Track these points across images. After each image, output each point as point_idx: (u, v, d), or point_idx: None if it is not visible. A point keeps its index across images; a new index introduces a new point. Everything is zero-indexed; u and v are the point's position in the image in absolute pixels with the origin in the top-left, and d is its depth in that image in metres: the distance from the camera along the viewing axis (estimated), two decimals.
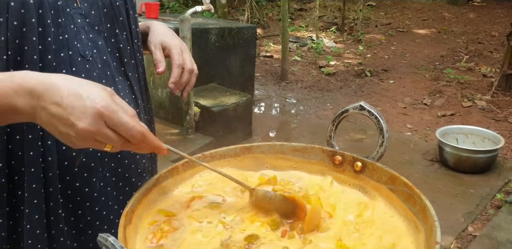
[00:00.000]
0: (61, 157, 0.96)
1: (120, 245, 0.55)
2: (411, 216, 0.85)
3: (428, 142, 4.21)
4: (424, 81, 5.68)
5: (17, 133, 0.92)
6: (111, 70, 1.03)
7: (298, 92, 5.46)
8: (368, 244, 0.81)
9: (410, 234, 0.83)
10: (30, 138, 0.92)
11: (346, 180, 0.97)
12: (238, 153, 1.00)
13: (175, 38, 1.18)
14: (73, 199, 1.00)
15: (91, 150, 0.99)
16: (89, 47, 0.98)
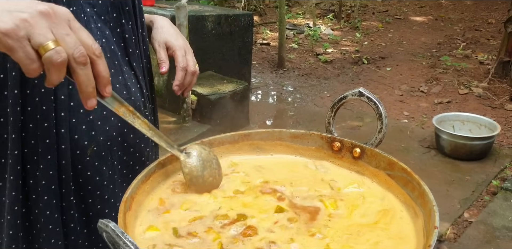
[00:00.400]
0: (74, 145, 0.97)
1: (120, 230, 0.55)
2: (409, 201, 0.85)
3: (425, 129, 4.22)
4: (421, 69, 5.68)
5: (31, 121, 0.93)
6: (118, 60, 1.03)
7: (295, 80, 5.44)
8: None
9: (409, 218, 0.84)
10: (45, 126, 0.93)
11: (345, 166, 0.98)
12: (237, 140, 1.00)
13: (179, 38, 1.18)
14: (84, 187, 1.02)
15: (101, 138, 1.00)
16: (98, 37, 0.98)
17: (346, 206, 0.87)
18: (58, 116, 0.93)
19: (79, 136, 0.97)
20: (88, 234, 1.07)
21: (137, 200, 0.82)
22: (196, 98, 3.82)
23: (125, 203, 0.76)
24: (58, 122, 0.93)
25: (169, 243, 0.75)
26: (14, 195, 0.96)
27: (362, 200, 0.89)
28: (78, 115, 0.96)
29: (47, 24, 0.66)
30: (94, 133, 0.99)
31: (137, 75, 1.10)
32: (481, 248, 2.74)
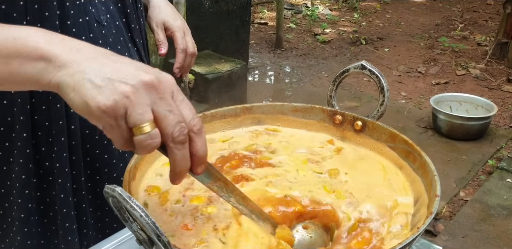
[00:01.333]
0: (83, 125, 0.96)
1: (127, 195, 0.56)
2: (410, 172, 0.86)
3: (422, 109, 4.24)
4: (419, 50, 5.66)
5: (43, 103, 0.91)
6: (124, 35, 1.02)
7: (293, 60, 5.42)
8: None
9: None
10: (58, 107, 0.91)
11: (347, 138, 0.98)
12: (239, 113, 1.00)
13: (177, 18, 1.16)
14: (93, 165, 1.02)
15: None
16: (103, 12, 0.95)
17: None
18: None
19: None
20: (101, 217, 1.07)
21: (141, 170, 0.83)
22: (193, 77, 3.81)
23: (129, 173, 0.77)
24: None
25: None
26: (25, 178, 0.94)
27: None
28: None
29: (149, 101, 0.58)
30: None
31: (140, 52, 1.09)
32: (476, 225, 2.78)
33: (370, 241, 0.72)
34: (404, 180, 0.86)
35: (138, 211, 0.55)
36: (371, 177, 0.87)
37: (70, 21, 0.88)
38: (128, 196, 0.56)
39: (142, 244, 0.65)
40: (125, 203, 0.56)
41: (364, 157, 0.93)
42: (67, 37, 0.62)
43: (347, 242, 0.73)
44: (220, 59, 4.06)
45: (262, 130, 1.01)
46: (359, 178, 0.87)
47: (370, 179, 0.86)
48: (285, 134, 1.00)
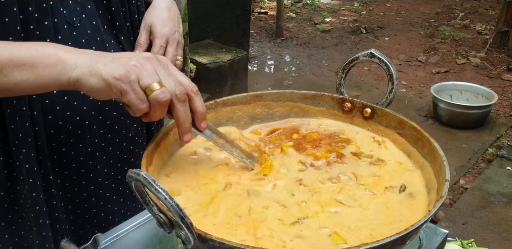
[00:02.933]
0: (48, 125, 0.97)
1: (152, 178, 0.58)
2: (419, 158, 0.88)
3: (423, 98, 4.25)
4: (419, 39, 5.66)
5: (8, 106, 0.91)
6: (101, 35, 0.99)
7: (293, 49, 5.42)
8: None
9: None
10: (23, 110, 0.92)
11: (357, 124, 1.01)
12: (249, 100, 1.02)
13: (168, 24, 1.08)
14: (60, 162, 1.03)
15: (78, 118, 1.00)
16: (77, 13, 0.94)
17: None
18: (31, 99, 0.92)
19: (53, 116, 0.97)
20: (73, 210, 1.09)
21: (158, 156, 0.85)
22: (195, 67, 3.81)
23: (146, 158, 0.79)
24: (31, 105, 0.92)
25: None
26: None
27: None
28: (52, 96, 0.95)
29: (153, 67, 0.74)
30: (70, 113, 0.98)
31: (125, 50, 1.06)
32: (476, 212, 2.81)
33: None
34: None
35: (162, 194, 0.57)
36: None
37: (33, 25, 0.87)
38: (152, 180, 0.58)
39: (163, 226, 0.67)
40: (150, 186, 0.58)
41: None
42: (75, 48, 0.80)
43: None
44: (221, 49, 4.06)
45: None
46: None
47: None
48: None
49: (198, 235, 0.62)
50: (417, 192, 0.84)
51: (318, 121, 1.02)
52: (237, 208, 0.78)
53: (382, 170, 0.88)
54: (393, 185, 0.84)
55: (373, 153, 0.92)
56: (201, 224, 0.74)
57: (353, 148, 0.94)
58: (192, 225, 0.60)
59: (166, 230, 0.68)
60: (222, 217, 0.76)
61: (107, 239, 0.91)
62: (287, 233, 0.73)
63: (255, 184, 0.83)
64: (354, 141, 0.96)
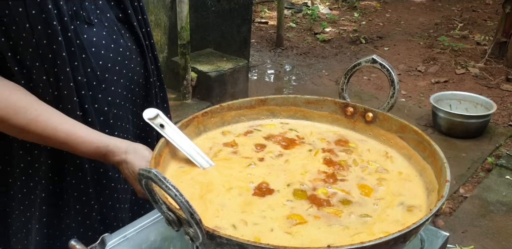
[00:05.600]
0: (98, 114, 1.03)
1: (162, 176, 0.59)
2: (420, 160, 0.90)
3: (422, 107, 4.28)
4: (419, 49, 5.70)
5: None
6: (117, 24, 1.04)
7: (294, 58, 5.46)
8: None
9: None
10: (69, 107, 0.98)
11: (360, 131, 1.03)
12: (254, 105, 1.04)
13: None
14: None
15: (117, 101, 1.06)
16: (93, 11, 0.99)
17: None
18: (80, 95, 0.97)
19: (99, 104, 1.02)
20: (81, 210, 1.10)
21: (164, 158, 0.86)
22: (196, 75, 3.85)
23: (154, 159, 0.81)
24: (81, 100, 0.97)
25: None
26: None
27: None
28: (94, 88, 1.00)
29: None
30: (111, 98, 1.04)
31: (137, 33, 1.10)
32: (476, 221, 2.82)
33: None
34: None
35: (173, 191, 0.59)
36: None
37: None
38: (163, 177, 0.60)
39: (171, 224, 0.69)
40: (161, 183, 0.60)
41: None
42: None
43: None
44: (222, 58, 4.09)
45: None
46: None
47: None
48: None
49: (206, 231, 0.64)
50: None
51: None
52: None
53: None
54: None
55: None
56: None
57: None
58: (201, 221, 0.62)
59: (174, 228, 0.69)
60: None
61: (115, 239, 0.92)
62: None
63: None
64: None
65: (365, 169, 0.91)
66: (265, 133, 1.01)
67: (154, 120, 0.89)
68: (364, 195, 0.84)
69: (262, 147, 0.97)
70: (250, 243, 0.63)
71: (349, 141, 1.00)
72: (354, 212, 0.79)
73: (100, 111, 1.02)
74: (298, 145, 0.97)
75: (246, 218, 0.77)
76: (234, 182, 0.86)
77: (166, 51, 3.92)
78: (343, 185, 0.87)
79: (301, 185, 0.86)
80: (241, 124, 1.04)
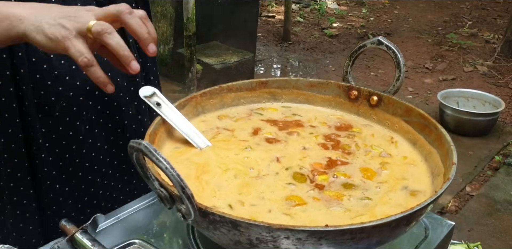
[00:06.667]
0: (42, 101, 0.96)
1: (153, 148, 0.56)
2: (425, 144, 0.87)
3: (429, 105, 4.23)
4: (427, 46, 5.65)
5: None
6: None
7: (300, 53, 5.42)
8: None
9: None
10: (7, 73, 0.91)
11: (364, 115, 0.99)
12: (254, 87, 1.01)
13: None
14: (59, 143, 1.01)
15: (71, 94, 0.98)
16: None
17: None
18: (19, 73, 0.91)
19: (45, 92, 0.95)
20: (71, 191, 1.07)
21: (160, 137, 0.84)
22: (201, 67, 3.82)
23: (149, 136, 0.78)
24: (20, 79, 0.92)
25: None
26: None
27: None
28: (41, 71, 0.94)
29: (92, 13, 0.77)
30: (62, 88, 0.97)
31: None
32: (483, 220, 2.78)
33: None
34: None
35: (163, 163, 0.56)
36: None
37: None
38: (154, 149, 0.57)
39: (163, 201, 0.66)
40: (151, 155, 0.57)
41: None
42: (21, 2, 0.81)
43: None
44: (228, 50, 4.06)
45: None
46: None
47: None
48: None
49: (198, 208, 0.61)
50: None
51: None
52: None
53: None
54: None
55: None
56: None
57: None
58: (192, 196, 0.59)
59: (167, 206, 0.66)
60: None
61: (108, 220, 0.89)
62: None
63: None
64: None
65: (368, 153, 0.88)
66: (266, 116, 0.98)
67: (151, 99, 0.86)
68: (367, 178, 0.81)
69: (260, 130, 0.94)
70: (244, 220, 0.60)
71: (353, 125, 0.97)
72: (355, 195, 0.76)
73: (44, 99, 0.96)
74: (300, 128, 0.94)
75: (244, 199, 0.74)
76: (231, 164, 0.83)
77: (171, 43, 3.89)
78: (345, 169, 0.83)
79: (301, 169, 0.83)
80: (241, 107, 1.00)
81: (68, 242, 0.82)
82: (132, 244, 0.86)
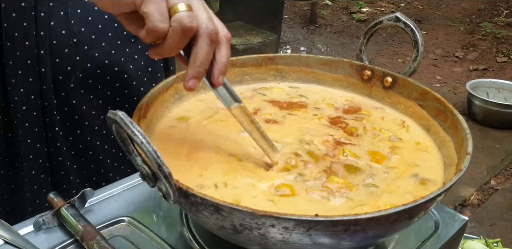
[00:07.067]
0: (56, 70, 0.90)
1: (130, 119, 0.51)
2: (440, 132, 0.80)
3: (457, 94, 4.10)
4: (458, 34, 5.45)
5: (9, 39, 0.84)
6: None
7: (327, 37, 5.30)
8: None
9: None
10: (26, 44, 0.85)
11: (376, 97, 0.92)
12: (260, 63, 0.95)
13: None
14: (71, 117, 0.96)
15: (88, 65, 0.92)
16: None
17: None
18: (38, 36, 0.85)
19: (61, 60, 0.90)
20: (78, 169, 1.02)
21: (153, 111, 0.79)
22: None
23: (140, 110, 0.73)
24: (38, 42, 0.85)
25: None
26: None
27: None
28: (60, 36, 0.88)
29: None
30: (79, 58, 0.91)
31: None
32: (506, 215, 2.69)
33: None
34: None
35: (139, 137, 0.51)
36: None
37: None
38: (130, 121, 0.52)
39: (146, 179, 0.61)
40: (126, 128, 0.51)
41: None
42: None
43: None
44: (252, 31, 3.99)
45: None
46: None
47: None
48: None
49: (178, 188, 0.56)
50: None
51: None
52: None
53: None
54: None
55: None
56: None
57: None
58: (170, 175, 0.54)
59: (150, 184, 0.61)
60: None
61: (99, 195, 0.85)
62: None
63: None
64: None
65: (377, 136, 0.81)
66: (269, 97, 0.92)
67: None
68: (375, 162, 0.75)
69: (259, 110, 0.88)
70: (226, 204, 0.54)
71: (362, 108, 0.90)
72: (360, 182, 0.70)
73: (59, 68, 0.91)
74: (303, 109, 0.88)
75: (228, 181, 0.69)
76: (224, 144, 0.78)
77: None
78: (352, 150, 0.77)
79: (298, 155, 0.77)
80: (245, 87, 0.94)
81: (53, 216, 0.79)
82: (121, 221, 0.82)
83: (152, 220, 0.82)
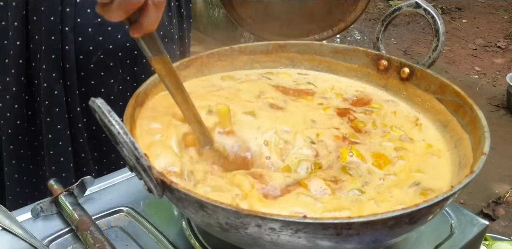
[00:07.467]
0: (78, 48, 0.89)
1: (107, 108, 0.48)
2: (457, 129, 0.74)
3: (496, 86, 3.93)
4: (501, 23, 5.21)
5: (35, 13, 0.84)
6: None
7: (362, 24, 5.16)
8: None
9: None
10: (51, 20, 0.85)
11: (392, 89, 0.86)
12: (271, 50, 0.90)
13: None
14: (88, 97, 0.94)
15: (110, 47, 0.91)
16: None
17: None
18: (64, 12, 0.84)
19: (84, 39, 0.89)
20: (92, 151, 1.01)
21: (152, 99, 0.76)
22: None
23: (136, 97, 0.70)
24: (63, 18, 0.84)
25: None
26: (15, 91, 0.90)
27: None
28: (85, 15, 0.86)
29: None
30: (102, 38, 0.90)
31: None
32: None
33: None
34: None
35: (116, 127, 0.48)
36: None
37: None
38: (108, 110, 0.49)
39: (133, 170, 0.59)
40: (103, 117, 0.49)
41: None
42: None
43: None
44: None
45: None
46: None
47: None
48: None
49: (161, 181, 0.53)
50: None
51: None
52: None
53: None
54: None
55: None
56: None
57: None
58: (150, 169, 0.51)
59: (138, 176, 0.59)
60: None
61: (100, 184, 0.84)
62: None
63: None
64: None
65: (386, 134, 0.76)
66: (274, 81, 0.87)
67: None
68: (377, 166, 0.69)
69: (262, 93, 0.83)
70: (210, 201, 0.51)
71: (373, 100, 0.84)
72: (347, 186, 0.65)
73: (81, 47, 0.90)
74: (309, 97, 0.83)
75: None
76: None
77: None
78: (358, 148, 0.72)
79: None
80: (254, 71, 0.90)
81: (51, 204, 0.78)
82: (119, 211, 0.81)
83: (152, 211, 0.80)
